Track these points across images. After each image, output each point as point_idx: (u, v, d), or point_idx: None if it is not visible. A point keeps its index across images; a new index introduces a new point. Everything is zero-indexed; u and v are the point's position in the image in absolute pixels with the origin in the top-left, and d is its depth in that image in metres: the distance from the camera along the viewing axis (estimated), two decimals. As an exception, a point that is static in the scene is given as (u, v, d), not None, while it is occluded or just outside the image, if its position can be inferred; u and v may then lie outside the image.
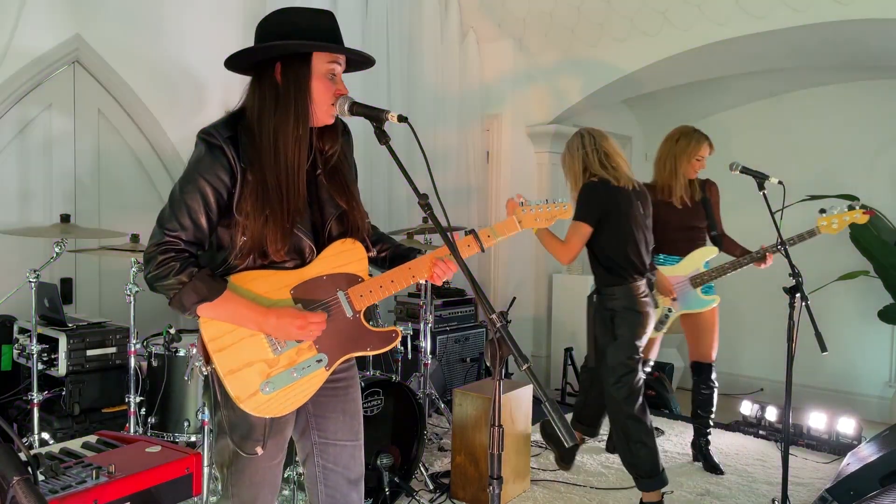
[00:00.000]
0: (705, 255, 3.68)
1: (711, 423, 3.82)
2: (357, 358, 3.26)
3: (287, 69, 1.62)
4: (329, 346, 1.68)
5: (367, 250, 1.76)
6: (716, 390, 3.79)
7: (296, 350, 1.64)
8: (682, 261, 3.68)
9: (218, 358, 1.59)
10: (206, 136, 1.60)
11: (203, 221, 1.58)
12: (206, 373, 1.62)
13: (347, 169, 1.80)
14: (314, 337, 1.64)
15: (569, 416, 3.87)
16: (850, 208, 3.29)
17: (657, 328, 3.57)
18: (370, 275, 1.76)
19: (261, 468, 1.70)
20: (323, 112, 1.67)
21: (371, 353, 1.77)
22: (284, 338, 1.62)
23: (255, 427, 1.64)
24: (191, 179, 1.58)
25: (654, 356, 3.86)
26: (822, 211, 3.33)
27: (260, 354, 1.61)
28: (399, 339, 1.80)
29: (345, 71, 1.74)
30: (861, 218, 3.28)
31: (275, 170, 1.60)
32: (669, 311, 3.59)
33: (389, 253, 1.88)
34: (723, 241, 3.79)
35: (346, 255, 1.72)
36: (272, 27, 1.64)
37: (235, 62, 1.68)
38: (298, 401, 1.65)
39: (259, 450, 1.64)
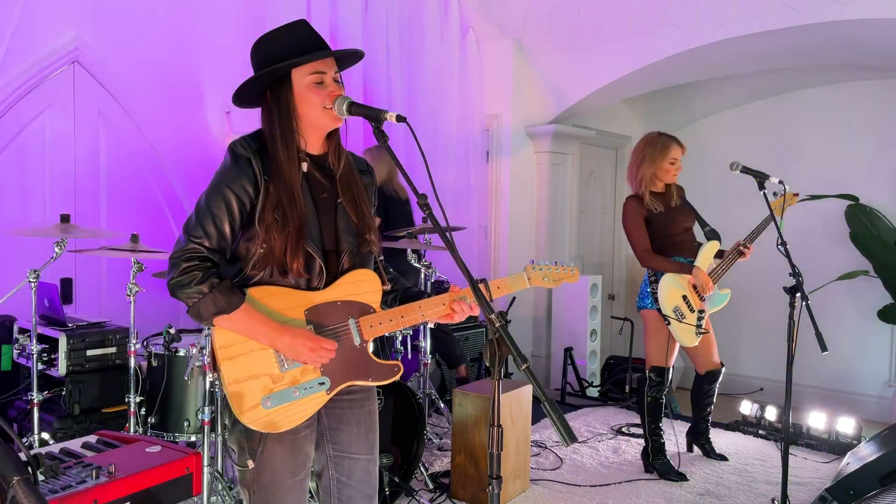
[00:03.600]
0: (713, 251, 3.60)
1: (710, 412, 3.90)
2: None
3: (273, 94, 1.69)
4: (333, 371, 1.69)
5: (383, 283, 1.79)
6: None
7: (300, 370, 1.66)
8: (698, 258, 3.55)
9: (226, 366, 1.61)
10: (234, 148, 1.65)
11: (227, 229, 1.62)
12: (211, 378, 1.65)
13: (368, 203, 1.82)
14: (323, 362, 1.66)
15: (568, 416, 3.86)
16: (778, 195, 3.37)
17: (697, 333, 3.51)
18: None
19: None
20: (318, 116, 1.68)
21: (372, 384, 1.77)
22: (294, 358, 1.63)
23: (251, 441, 1.65)
24: (216, 189, 1.62)
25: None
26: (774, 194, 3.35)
27: (266, 369, 1.63)
28: (400, 373, 1.79)
29: (341, 67, 1.76)
30: (791, 199, 3.39)
31: (282, 186, 1.65)
32: (702, 312, 3.53)
33: (400, 293, 1.88)
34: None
35: (361, 285, 1.74)
36: (257, 58, 1.71)
37: (241, 102, 1.75)
38: (296, 420, 1.65)
39: (250, 463, 1.65)
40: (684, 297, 3.52)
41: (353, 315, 1.72)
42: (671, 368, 3.65)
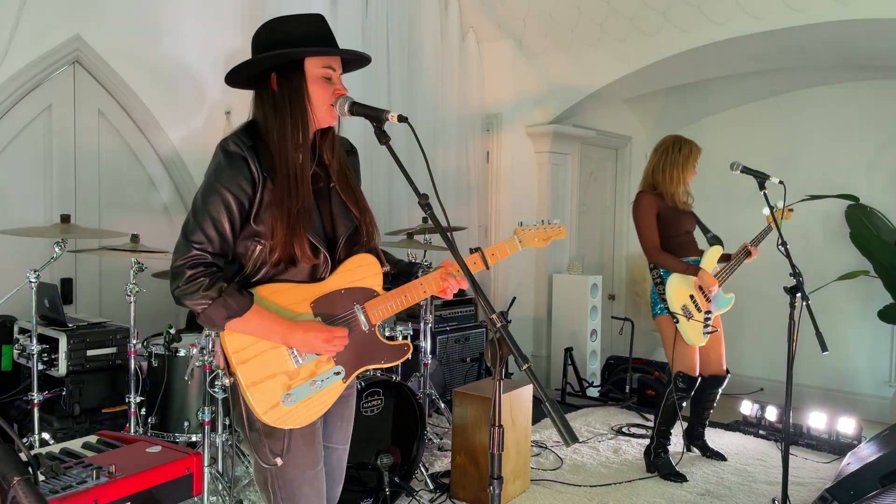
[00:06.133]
0: (717, 255, 3.61)
1: (708, 415, 3.90)
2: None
3: (282, 78, 1.65)
4: (346, 359, 1.70)
5: (382, 265, 1.78)
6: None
7: (315, 363, 1.66)
8: (703, 262, 3.57)
9: (242, 370, 1.59)
10: (227, 146, 1.61)
11: (228, 232, 1.59)
12: (228, 383, 1.64)
13: (357, 183, 1.83)
14: (338, 351, 1.66)
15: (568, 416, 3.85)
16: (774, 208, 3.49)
17: (705, 333, 3.54)
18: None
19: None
20: (323, 113, 1.68)
21: (385, 366, 1.79)
22: (309, 351, 1.64)
23: (275, 439, 1.66)
24: (213, 190, 1.58)
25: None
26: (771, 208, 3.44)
27: (281, 366, 1.63)
28: (410, 351, 1.81)
29: (344, 71, 1.75)
30: (787, 215, 3.51)
31: (286, 177, 1.62)
32: (709, 313, 3.54)
33: (393, 269, 1.89)
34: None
35: (362, 270, 1.74)
36: (265, 38, 1.67)
37: (235, 78, 1.71)
38: (317, 412, 1.66)
39: (278, 461, 1.66)
40: (691, 297, 3.54)
41: (359, 301, 1.72)
42: (699, 378, 3.60)
